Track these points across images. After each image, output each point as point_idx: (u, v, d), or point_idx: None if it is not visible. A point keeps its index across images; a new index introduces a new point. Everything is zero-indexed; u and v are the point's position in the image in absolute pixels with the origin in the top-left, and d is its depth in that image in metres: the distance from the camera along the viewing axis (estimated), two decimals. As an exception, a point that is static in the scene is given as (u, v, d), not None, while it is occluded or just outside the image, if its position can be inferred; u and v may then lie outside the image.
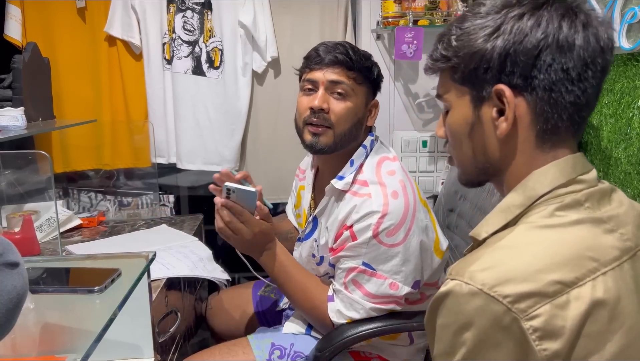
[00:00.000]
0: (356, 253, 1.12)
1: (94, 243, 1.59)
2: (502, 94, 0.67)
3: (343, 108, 1.16)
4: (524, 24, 0.65)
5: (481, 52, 0.67)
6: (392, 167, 1.19)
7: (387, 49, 2.09)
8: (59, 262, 1.10)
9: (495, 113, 0.68)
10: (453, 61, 0.70)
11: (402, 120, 2.14)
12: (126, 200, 2.19)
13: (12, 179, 1.62)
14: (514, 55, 0.65)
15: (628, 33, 1.11)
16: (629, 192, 1.14)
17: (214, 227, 1.15)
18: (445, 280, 0.65)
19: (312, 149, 1.20)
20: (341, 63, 1.16)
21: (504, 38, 0.66)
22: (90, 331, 0.70)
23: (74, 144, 2.12)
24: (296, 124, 1.23)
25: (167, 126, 2.14)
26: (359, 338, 1.13)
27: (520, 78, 0.66)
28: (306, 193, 1.32)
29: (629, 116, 1.15)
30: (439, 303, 0.64)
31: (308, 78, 1.19)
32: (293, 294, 1.21)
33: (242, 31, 2.05)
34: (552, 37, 0.65)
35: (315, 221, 1.24)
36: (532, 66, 0.65)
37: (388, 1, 1.96)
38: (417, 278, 1.16)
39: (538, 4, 0.67)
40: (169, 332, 1.28)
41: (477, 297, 0.59)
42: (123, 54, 2.09)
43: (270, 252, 1.17)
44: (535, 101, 0.66)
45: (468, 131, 0.72)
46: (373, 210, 1.10)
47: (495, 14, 0.68)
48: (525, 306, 0.58)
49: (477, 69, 0.68)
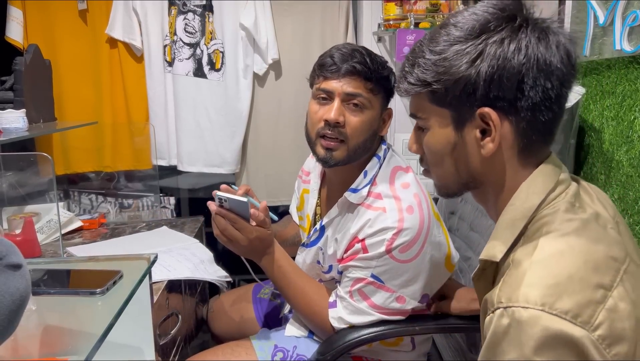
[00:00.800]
0: (366, 264, 1.10)
1: (95, 244, 1.59)
2: (488, 117, 0.69)
3: (359, 122, 1.11)
4: (506, 49, 0.67)
5: (465, 77, 0.68)
6: (406, 179, 1.15)
7: (388, 52, 2.09)
8: (60, 264, 1.10)
9: (479, 134, 0.71)
10: (434, 85, 0.71)
11: (403, 122, 2.13)
12: (127, 202, 2.19)
13: (14, 181, 1.62)
14: (498, 80, 0.67)
15: (630, 36, 1.11)
16: (630, 195, 1.14)
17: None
18: (495, 310, 0.63)
19: (325, 164, 1.15)
20: (359, 73, 1.09)
21: (488, 64, 0.67)
22: (92, 333, 0.70)
23: (75, 146, 2.12)
24: (307, 134, 1.17)
25: (168, 128, 2.14)
26: (360, 342, 1.12)
27: (504, 101, 0.68)
28: (311, 198, 1.29)
29: (631, 119, 1.15)
30: (500, 338, 0.62)
31: (323, 87, 1.12)
32: (293, 298, 1.20)
33: (244, 33, 2.05)
34: (533, 59, 0.67)
35: (322, 230, 1.22)
36: (516, 89, 0.68)
37: (389, 3, 1.96)
38: (426, 292, 1.14)
39: (515, 27, 0.69)
40: (170, 334, 1.28)
41: (541, 320, 0.59)
42: (124, 56, 2.09)
43: (269, 257, 1.16)
44: (519, 121, 0.69)
45: (450, 150, 0.74)
46: (388, 226, 1.07)
47: (474, 39, 0.69)
48: (587, 317, 0.59)
49: (461, 93, 0.70)
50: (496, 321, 0.62)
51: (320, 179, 1.29)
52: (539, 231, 0.68)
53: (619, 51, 1.13)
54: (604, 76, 1.25)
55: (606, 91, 1.24)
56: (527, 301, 0.60)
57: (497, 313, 0.63)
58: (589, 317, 0.59)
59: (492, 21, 0.69)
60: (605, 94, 1.24)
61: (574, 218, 0.68)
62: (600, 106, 1.26)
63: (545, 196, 0.70)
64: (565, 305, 0.59)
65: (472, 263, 1.32)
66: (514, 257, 0.67)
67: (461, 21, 0.71)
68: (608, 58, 1.21)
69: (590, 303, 0.60)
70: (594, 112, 1.28)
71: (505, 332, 0.61)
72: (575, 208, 0.70)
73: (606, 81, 1.24)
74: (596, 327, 0.59)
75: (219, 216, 1.11)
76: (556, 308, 0.59)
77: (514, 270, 0.65)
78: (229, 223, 1.11)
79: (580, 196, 0.73)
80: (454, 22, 0.71)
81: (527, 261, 0.64)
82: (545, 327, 0.58)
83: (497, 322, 0.62)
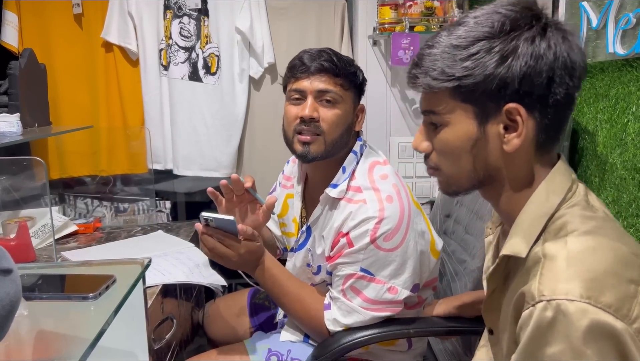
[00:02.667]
0: (354, 259, 1.11)
1: (90, 249, 1.58)
2: (516, 112, 0.70)
3: (333, 115, 1.15)
4: (538, 46, 0.69)
5: (497, 73, 0.69)
6: (384, 171, 1.19)
7: (383, 55, 2.10)
8: (53, 269, 1.10)
9: (502, 129, 0.72)
10: (463, 81, 0.71)
11: (398, 126, 2.14)
12: (122, 206, 2.18)
13: (8, 185, 1.61)
14: (530, 77, 0.69)
15: (622, 39, 1.11)
16: (624, 197, 1.14)
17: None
18: (536, 303, 0.64)
19: (304, 159, 1.18)
20: (327, 70, 1.15)
21: (522, 60, 0.69)
22: (85, 338, 0.70)
23: (71, 150, 2.11)
24: (285, 134, 1.21)
25: (164, 132, 2.14)
26: (355, 344, 1.12)
27: (533, 98, 0.70)
28: (296, 202, 1.30)
29: (624, 122, 1.15)
30: (545, 330, 0.63)
31: (295, 88, 1.17)
32: (289, 305, 1.20)
33: (239, 37, 2.05)
34: (561, 58, 0.69)
35: (309, 230, 1.23)
36: (546, 86, 0.69)
37: (384, 7, 1.97)
38: (416, 282, 1.15)
39: (542, 26, 0.70)
40: (165, 339, 1.28)
41: (588, 312, 0.61)
42: (120, 60, 2.09)
43: (261, 267, 1.17)
44: (542, 117, 0.71)
45: (470, 146, 0.74)
46: (369, 216, 1.10)
47: (504, 36, 0.70)
48: (626, 311, 0.61)
49: (490, 89, 0.70)
50: (539, 313, 0.63)
51: (302, 182, 1.30)
52: (564, 228, 0.70)
53: (612, 54, 1.14)
54: (597, 78, 1.25)
55: (600, 93, 1.24)
56: (573, 294, 0.61)
57: (539, 306, 0.64)
58: (627, 311, 0.61)
59: (521, 19, 0.70)
60: (599, 96, 1.25)
61: (593, 216, 0.71)
62: (594, 108, 1.26)
63: (564, 195, 0.73)
64: (608, 298, 0.61)
65: (467, 265, 1.32)
66: (546, 252, 0.68)
67: (483, 18, 0.72)
68: (601, 61, 1.21)
69: (627, 298, 0.62)
70: (588, 115, 1.29)
71: (551, 324, 0.62)
72: (590, 206, 0.73)
73: (600, 83, 1.24)
74: (633, 320, 0.61)
75: (206, 235, 1.12)
76: (601, 301, 0.61)
77: (550, 264, 0.66)
78: (217, 241, 1.12)
79: (588, 195, 0.75)
80: (474, 18, 0.72)
81: (562, 256, 0.66)
82: (592, 319, 0.60)
83: (541, 315, 0.63)
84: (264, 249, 1.18)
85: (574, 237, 0.68)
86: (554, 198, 0.72)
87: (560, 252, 0.66)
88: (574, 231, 0.68)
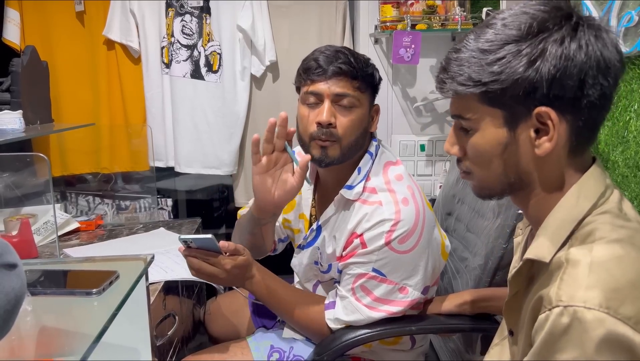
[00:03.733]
0: (367, 259, 1.10)
1: (92, 246, 1.59)
2: (547, 116, 0.68)
3: (350, 121, 1.12)
4: (567, 48, 0.67)
5: (525, 77, 0.67)
6: (398, 171, 1.17)
7: (385, 53, 2.10)
8: (56, 265, 1.10)
9: (533, 133, 0.70)
10: (490, 86, 0.69)
11: (400, 124, 2.14)
12: (124, 204, 2.18)
13: (10, 182, 1.61)
14: (560, 79, 0.67)
15: (625, 37, 1.11)
16: (626, 195, 1.14)
17: (212, 231, 1.15)
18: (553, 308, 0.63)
19: (321, 164, 1.15)
20: (345, 74, 1.11)
21: (550, 63, 0.66)
22: (88, 334, 0.70)
23: (72, 148, 2.12)
24: (300, 138, 1.17)
25: (166, 129, 2.14)
26: (357, 341, 1.12)
27: (564, 100, 0.67)
28: (305, 199, 1.29)
29: (626, 119, 1.16)
30: (558, 337, 0.62)
31: (311, 91, 1.13)
32: (287, 313, 1.20)
33: (241, 35, 2.05)
34: (593, 58, 0.67)
35: (319, 229, 1.22)
36: (577, 88, 0.67)
37: (386, 5, 1.97)
38: (427, 284, 1.15)
39: (572, 26, 0.68)
40: (167, 335, 1.28)
41: (606, 323, 0.59)
42: (122, 58, 2.09)
43: (253, 280, 1.15)
44: (575, 120, 0.69)
45: (500, 150, 0.73)
46: (385, 218, 1.09)
47: (532, 38, 0.68)
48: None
49: (519, 93, 0.68)
50: (555, 319, 0.62)
51: (313, 180, 1.30)
52: (592, 235, 0.67)
53: (614, 52, 1.14)
54: (599, 77, 1.26)
55: (602, 91, 1.25)
56: (591, 302, 0.60)
57: (555, 311, 0.63)
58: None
59: (550, 20, 0.68)
60: (601, 95, 1.25)
61: (625, 225, 0.68)
62: (596, 106, 1.26)
63: (596, 201, 0.70)
64: (628, 310, 0.60)
65: (468, 263, 1.32)
66: (569, 257, 0.67)
67: (510, 19, 0.70)
68: (603, 59, 1.22)
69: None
70: (590, 113, 1.29)
71: (565, 331, 0.61)
72: (622, 214, 0.70)
73: (602, 81, 1.25)
74: None
75: (190, 257, 1.10)
76: (620, 313, 0.59)
77: (572, 270, 0.65)
78: (201, 261, 1.10)
79: (623, 202, 0.73)
80: (502, 20, 0.70)
81: (585, 262, 0.64)
82: (609, 330, 0.59)
83: (556, 320, 0.62)
84: (251, 261, 1.15)
85: (600, 244, 0.66)
86: (585, 202, 0.70)
87: (584, 258, 0.65)
88: (602, 238, 0.66)
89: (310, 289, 1.31)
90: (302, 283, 1.33)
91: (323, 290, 1.28)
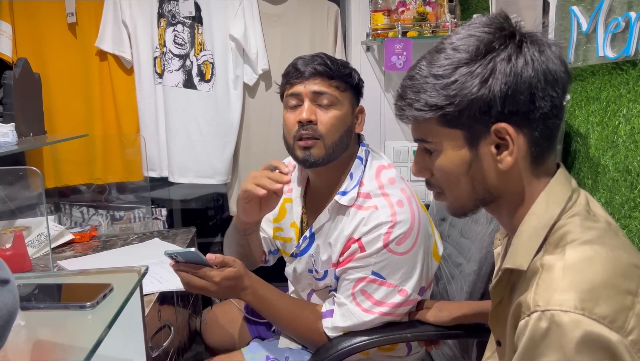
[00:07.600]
0: (365, 263, 1.12)
1: (86, 258, 1.58)
2: (504, 132, 0.71)
3: (331, 117, 1.15)
4: (515, 65, 0.69)
5: (479, 97, 0.70)
6: (390, 175, 1.19)
7: (377, 61, 2.11)
8: (50, 278, 1.10)
9: (494, 149, 0.73)
10: (447, 109, 0.71)
11: (393, 130, 2.15)
12: (118, 214, 2.18)
13: (3, 195, 1.61)
14: (512, 95, 0.69)
15: (612, 42, 1.13)
16: (617, 199, 1.15)
17: (207, 240, 1.15)
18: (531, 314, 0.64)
19: (305, 164, 1.18)
20: (321, 74, 1.15)
21: (501, 81, 0.69)
22: (83, 347, 0.70)
23: (66, 159, 2.11)
24: (286, 142, 1.21)
25: (159, 139, 2.14)
26: (353, 349, 1.12)
27: (518, 115, 0.71)
28: (295, 207, 1.30)
29: (615, 124, 1.17)
30: (539, 341, 0.63)
31: (291, 93, 1.18)
32: (283, 323, 1.20)
33: (233, 44, 2.06)
34: (540, 71, 0.70)
35: (312, 237, 1.23)
36: (529, 102, 0.70)
37: (377, 13, 1.98)
38: (423, 285, 1.16)
39: (517, 44, 0.71)
40: (163, 346, 1.28)
41: (582, 324, 0.60)
42: (114, 69, 2.09)
43: (246, 291, 1.14)
44: (532, 131, 0.72)
45: (465, 169, 0.75)
46: (382, 221, 1.10)
47: (481, 59, 0.70)
48: (621, 323, 0.61)
49: (475, 113, 0.71)
50: (534, 324, 0.63)
51: (303, 187, 1.30)
52: (563, 238, 0.69)
53: (602, 58, 1.15)
54: (588, 82, 1.27)
55: (591, 96, 1.26)
56: (567, 305, 0.61)
57: (534, 316, 0.64)
58: (622, 323, 0.61)
59: (495, 40, 0.71)
60: (590, 100, 1.26)
61: (593, 226, 0.70)
62: (586, 111, 1.27)
63: (564, 205, 0.72)
64: (602, 310, 0.61)
65: (463, 269, 1.33)
66: (543, 262, 0.68)
67: (459, 43, 0.72)
68: (592, 64, 1.23)
69: (622, 309, 0.62)
70: (580, 118, 1.30)
71: (544, 335, 0.62)
72: (591, 215, 0.72)
73: (591, 87, 1.26)
74: (629, 332, 0.61)
75: (179, 271, 1.10)
76: (595, 313, 0.61)
77: (546, 274, 0.67)
78: (191, 274, 1.09)
79: (590, 203, 0.75)
80: (450, 44, 0.73)
81: (559, 266, 0.66)
82: (586, 331, 0.60)
83: (535, 325, 0.63)
84: (243, 272, 1.13)
85: (572, 247, 0.67)
86: (554, 208, 0.72)
87: (557, 262, 0.66)
88: (573, 241, 0.68)
89: (305, 299, 1.31)
90: (297, 292, 1.33)
91: (318, 299, 1.28)
